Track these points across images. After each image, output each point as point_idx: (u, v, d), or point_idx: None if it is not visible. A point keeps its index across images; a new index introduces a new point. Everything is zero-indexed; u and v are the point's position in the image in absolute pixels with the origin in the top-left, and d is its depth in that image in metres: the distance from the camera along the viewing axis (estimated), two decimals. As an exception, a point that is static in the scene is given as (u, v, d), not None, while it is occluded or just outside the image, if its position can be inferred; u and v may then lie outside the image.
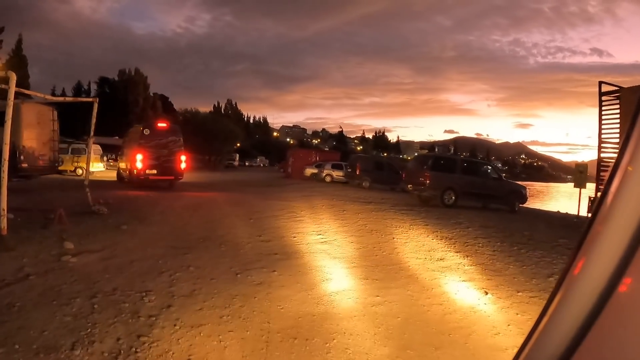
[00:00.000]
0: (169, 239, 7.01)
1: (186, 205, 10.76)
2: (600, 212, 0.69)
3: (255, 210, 10.61)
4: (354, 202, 13.23)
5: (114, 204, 10.13)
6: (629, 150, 0.67)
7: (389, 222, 9.45)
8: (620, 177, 0.67)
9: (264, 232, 7.88)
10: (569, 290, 0.71)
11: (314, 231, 8.09)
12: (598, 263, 0.67)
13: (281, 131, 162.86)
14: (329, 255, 6.35)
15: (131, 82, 59.14)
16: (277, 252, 6.36)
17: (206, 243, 6.78)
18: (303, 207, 11.57)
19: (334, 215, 10.25)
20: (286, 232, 7.92)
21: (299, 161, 30.26)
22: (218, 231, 7.79)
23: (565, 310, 0.70)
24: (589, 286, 0.68)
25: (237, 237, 7.36)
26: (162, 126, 15.36)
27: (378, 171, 22.88)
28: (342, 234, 7.93)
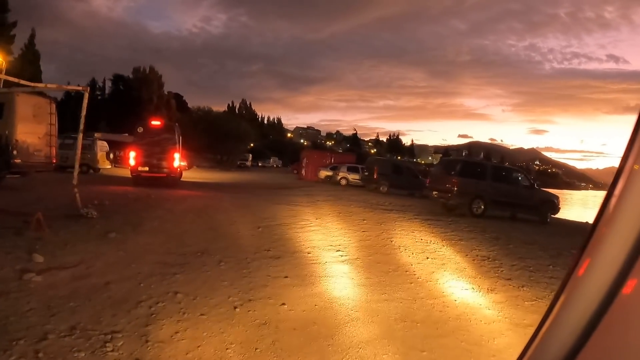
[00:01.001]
0: (160, 251, 5.92)
1: (189, 209, 9.70)
2: (605, 213, 0.69)
3: (265, 216, 9.49)
4: (373, 209, 12.03)
5: (109, 206, 9.15)
6: (634, 150, 0.66)
7: (418, 236, 8.23)
8: (626, 177, 0.66)
9: (273, 244, 6.74)
10: (573, 291, 0.70)
11: (331, 246, 6.92)
12: (602, 264, 0.67)
13: (295, 132, 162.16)
14: (351, 281, 5.17)
15: (145, 80, 58.90)
16: (288, 273, 5.21)
17: (204, 258, 5.67)
18: (318, 214, 10.42)
19: (354, 225, 9.06)
20: (299, 246, 6.77)
21: (313, 163, 29.16)
22: (220, 242, 6.68)
23: (570, 311, 0.69)
24: (593, 287, 0.67)
25: (241, 250, 6.23)
26: (155, 124, 15.16)
27: (396, 175, 21.61)
28: (365, 251, 6.74)
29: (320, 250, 6.58)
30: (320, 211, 10.98)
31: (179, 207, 9.91)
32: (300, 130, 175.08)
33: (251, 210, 10.43)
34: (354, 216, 10.29)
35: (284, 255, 6.08)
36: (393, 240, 7.63)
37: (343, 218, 9.93)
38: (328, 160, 29.33)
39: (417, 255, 6.66)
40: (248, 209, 10.61)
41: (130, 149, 15.21)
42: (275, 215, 9.83)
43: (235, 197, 13.15)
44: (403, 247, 7.18)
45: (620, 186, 0.67)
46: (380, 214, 11.02)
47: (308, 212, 10.56)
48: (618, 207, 0.67)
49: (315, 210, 11.13)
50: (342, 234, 7.95)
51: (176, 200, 11.01)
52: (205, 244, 6.51)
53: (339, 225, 8.86)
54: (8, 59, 28.04)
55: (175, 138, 14.90)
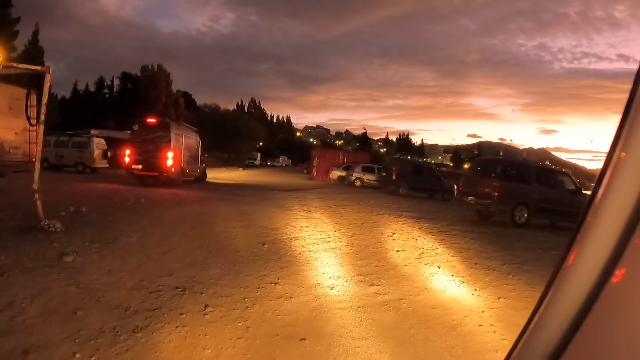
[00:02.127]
0: (127, 285, 4.25)
1: (182, 217, 8.07)
2: (593, 203, 0.69)
3: (272, 226, 7.82)
4: (399, 217, 10.28)
5: (85, 214, 7.57)
6: (621, 139, 0.66)
7: (467, 257, 6.47)
8: (613, 167, 0.66)
9: (282, 272, 5.05)
10: (562, 282, 0.70)
11: (361, 275, 5.19)
12: (591, 254, 0.67)
13: (304, 131, 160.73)
14: (409, 349, 3.43)
15: (154, 78, 57.90)
16: (305, 331, 3.49)
17: (184, 299, 3.99)
18: (336, 223, 8.72)
19: (382, 241, 7.34)
20: (317, 276, 5.06)
21: (325, 162, 27.49)
22: (211, 268, 5.01)
23: (559, 302, 0.69)
24: (582, 277, 0.67)
25: (238, 283, 4.55)
26: (150, 122, 14.74)
27: (417, 176, 19.82)
28: (408, 284, 4.99)
29: (347, 282, 4.86)
30: (338, 219, 9.27)
31: (171, 214, 8.28)
32: (309, 130, 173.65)
33: (256, 218, 8.76)
34: (380, 227, 8.55)
35: (298, 293, 4.37)
36: (439, 265, 5.88)
37: (367, 230, 8.20)
38: (340, 160, 27.59)
39: (484, 294, 4.89)
40: (253, 216, 8.94)
41: (125, 147, 15.06)
42: (285, 225, 8.16)
43: (239, 200, 11.49)
44: (455, 275, 5.42)
45: (608, 175, 0.67)
46: (410, 225, 9.26)
47: (323, 222, 8.86)
48: (605, 196, 0.66)
49: (331, 218, 9.42)
50: (371, 255, 6.22)
51: (169, 205, 9.39)
52: (192, 270, 4.84)
53: (364, 241, 7.14)
54: (11, 55, 26.88)
55: (170, 136, 14.16)
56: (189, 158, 16.10)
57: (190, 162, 16.27)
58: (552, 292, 0.71)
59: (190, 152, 16.31)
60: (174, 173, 14.48)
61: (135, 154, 14.34)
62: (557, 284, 0.71)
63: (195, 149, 17.11)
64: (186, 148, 15.63)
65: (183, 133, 15.46)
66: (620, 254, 0.63)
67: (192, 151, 16.59)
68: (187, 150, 15.72)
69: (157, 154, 14.08)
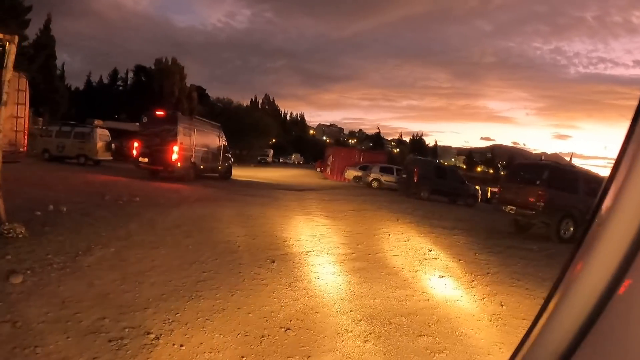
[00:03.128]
0: (74, 331, 3.03)
1: (177, 221, 6.86)
2: (600, 212, 0.68)
3: (284, 237, 6.58)
4: (429, 227, 8.94)
5: (65, 214, 6.43)
6: (630, 149, 0.65)
7: (530, 290, 5.10)
8: (622, 177, 0.65)
9: (296, 308, 3.78)
10: (567, 291, 0.68)
11: (402, 316, 3.88)
12: (598, 264, 0.65)
13: (318, 129, 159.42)
14: None
15: (167, 71, 57.38)
16: None
17: (153, 358, 2.75)
18: (359, 233, 7.44)
19: (419, 260, 6.03)
20: (343, 316, 3.77)
21: (340, 161, 26.18)
22: (201, 299, 3.77)
23: (564, 311, 0.68)
24: (588, 288, 0.65)
25: (235, 327, 3.30)
26: (159, 114, 14.17)
27: (440, 180, 18.35)
28: (469, 332, 3.67)
29: (384, 328, 3.56)
30: (360, 228, 7.98)
31: (166, 217, 7.08)
32: (323, 128, 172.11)
33: (265, 224, 7.52)
34: (411, 241, 7.23)
35: (317, 347, 3.09)
36: (501, 302, 4.53)
37: (397, 245, 6.90)
38: (356, 159, 26.24)
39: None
40: (261, 222, 7.71)
41: (132, 140, 14.87)
42: (299, 234, 6.90)
43: (247, 201, 10.27)
44: (525, 317, 4.08)
45: (616, 185, 0.65)
46: (444, 238, 7.92)
47: (343, 231, 7.59)
48: (614, 207, 0.64)
49: (352, 226, 8.14)
50: (408, 283, 4.92)
51: (167, 206, 8.20)
52: (175, 302, 3.61)
53: (397, 261, 5.84)
54: (22, 44, 26.16)
55: (177, 129, 13.50)
56: (205, 153, 15.43)
57: (207, 158, 15.61)
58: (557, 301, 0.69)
59: (208, 148, 15.64)
60: (180, 168, 13.70)
61: (142, 147, 13.86)
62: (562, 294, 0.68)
63: (216, 144, 16.48)
64: (200, 143, 14.93)
65: (195, 127, 14.71)
66: (629, 265, 0.61)
67: (210, 146, 15.93)
68: (201, 145, 15.01)
69: (162, 147, 13.41)
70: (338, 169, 26.01)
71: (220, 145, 16.83)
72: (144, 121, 14.24)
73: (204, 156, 15.24)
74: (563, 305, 0.68)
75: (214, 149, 16.30)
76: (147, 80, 57.71)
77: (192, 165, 14.42)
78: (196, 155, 14.62)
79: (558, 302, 0.70)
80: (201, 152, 15.05)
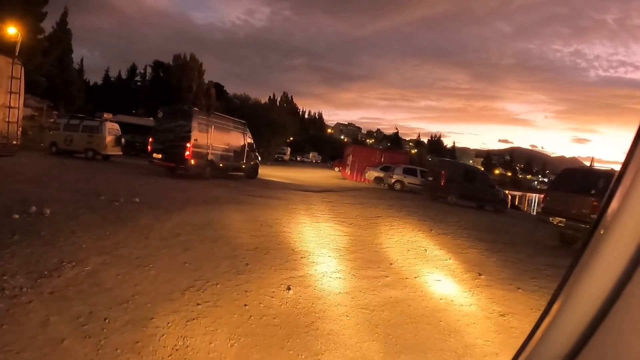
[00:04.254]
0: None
1: (177, 229, 5.84)
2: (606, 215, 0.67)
3: (302, 251, 5.50)
4: (468, 241, 7.74)
5: (48, 217, 5.48)
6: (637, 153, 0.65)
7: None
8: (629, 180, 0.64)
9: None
10: (572, 294, 0.68)
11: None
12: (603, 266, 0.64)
13: (335, 128, 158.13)
14: None
15: (185, 67, 57.12)
16: None
17: None
18: (390, 247, 6.32)
19: (469, 287, 4.86)
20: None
21: (361, 161, 24.93)
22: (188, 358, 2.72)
23: (569, 313, 0.67)
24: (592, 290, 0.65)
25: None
26: (173, 109, 13.75)
27: (468, 183, 17.00)
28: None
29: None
30: (390, 241, 6.86)
31: (165, 223, 6.07)
32: (341, 127, 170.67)
33: (280, 233, 6.46)
34: (453, 260, 6.06)
35: None
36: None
37: (437, 265, 5.74)
38: (377, 159, 24.95)
39: None
40: (275, 230, 6.65)
41: (147, 135, 14.69)
42: (320, 247, 5.83)
43: (261, 204, 9.22)
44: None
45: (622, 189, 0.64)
46: (489, 256, 6.71)
47: (371, 244, 6.47)
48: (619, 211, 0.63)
49: (381, 238, 7.01)
50: (462, 321, 3.77)
51: (170, 208, 7.22)
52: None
53: (439, 288, 4.69)
54: (38, 37, 25.80)
55: (191, 125, 12.80)
56: (226, 151, 14.65)
57: (228, 156, 14.85)
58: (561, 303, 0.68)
59: (228, 145, 14.86)
60: (194, 165, 12.91)
61: (156, 143, 13.34)
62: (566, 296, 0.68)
63: (239, 142, 15.71)
64: (219, 140, 14.20)
65: (213, 123, 13.88)
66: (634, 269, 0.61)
67: (232, 144, 15.13)
68: (220, 142, 14.27)
69: (176, 143, 12.79)
70: (358, 169, 24.78)
71: (244, 143, 15.99)
72: (159, 116, 13.59)
73: (223, 154, 14.47)
74: (567, 308, 0.67)
75: (237, 146, 15.47)
76: (165, 76, 57.63)
77: (209, 162, 13.63)
78: (214, 153, 13.84)
79: (562, 304, 0.68)
80: (220, 150, 14.28)
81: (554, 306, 0.71)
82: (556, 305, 0.70)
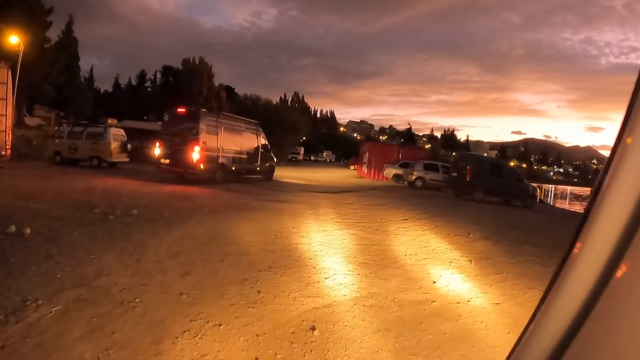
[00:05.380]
0: None
1: (176, 247, 4.99)
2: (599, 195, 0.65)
3: (326, 269, 4.59)
4: (516, 248, 6.71)
5: (27, 238, 4.69)
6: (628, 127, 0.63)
7: None
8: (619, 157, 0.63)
9: None
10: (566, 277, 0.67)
11: None
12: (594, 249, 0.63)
13: (348, 126, 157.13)
14: None
15: (195, 71, 56.81)
16: None
17: None
18: (426, 259, 5.36)
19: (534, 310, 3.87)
20: None
21: (378, 158, 23.91)
22: None
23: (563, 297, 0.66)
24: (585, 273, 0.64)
25: None
26: (180, 112, 12.84)
27: (495, 178, 15.86)
28: None
29: None
30: (425, 250, 5.89)
31: (163, 239, 5.22)
32: (353, 124, 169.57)
33: (298, 247, 5.56)
34: (506, 274, 5.06)
35: None
36: None
37: (489, 282, 4.74)
38: (395, 155, 23.89)
39: None
40: (293, 242, 5.75)
41: (155, 139, 13.62)
42: (346, 262, 4.90)
43: (276, 210, 8.34)
44: None
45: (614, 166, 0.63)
46: (540, 266, 5.69)
47: (404, 255, 5.52)
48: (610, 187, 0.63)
49: (414, 248, 6.05)
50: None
51: (171, 220, 6.37)
52: None
53: (500, 314, 3.70)
54: (44, 46, 25.46)
55: (199, 127, 12.09)
56: (238, 153, 13.87)
57: (241, 159, 14.07)
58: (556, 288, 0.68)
59: (241, 147, 14.07)
60: (204, 170, 12.16)
61: (163, 147, 12.66)
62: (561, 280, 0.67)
63: (252, 143, 14.90)
64: (230, 141, 13.39)
65: (223, 125, 13.08)
66: (625, 248, 0.60)
67: (245, 146, 14.35)
68: (232, 144, 13.47)
69: (183, 147, 12.09)
70: (375, 166, 23.76)
71: (258, 144, 15.15)
72: (165, 119, 12.83)
73: (235, 156, 13.69)
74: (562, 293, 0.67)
75: (250, 148, 14.66)
76: (175, 80, 57.46)
77: (220, 166, 12.84)
78: (225, 156, 13.04)
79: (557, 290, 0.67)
80: (232, 152, 13.49)
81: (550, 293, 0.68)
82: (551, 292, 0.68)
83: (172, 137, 12.39)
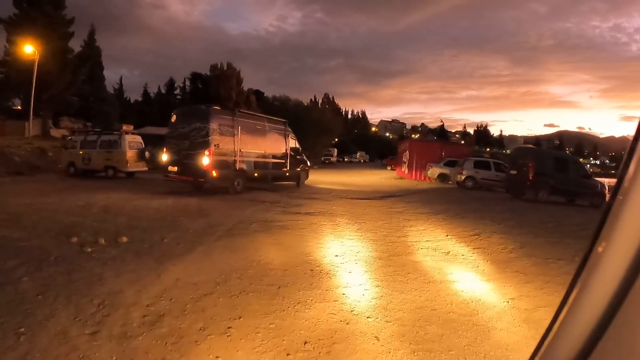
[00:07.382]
0: None
1: (160, 308, 3.32)
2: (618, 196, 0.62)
3: (394, 346, 2.76)
4: None
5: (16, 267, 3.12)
6: None
7: None
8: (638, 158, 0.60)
9: None
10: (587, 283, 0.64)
11: None
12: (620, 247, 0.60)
13: (380, 126, 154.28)
14: None
15: (223, 76, 56.40)
16: None
17: None
18: (525, 298, 3.38)
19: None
20: None
21: (419, 157, 21.76)
22: None
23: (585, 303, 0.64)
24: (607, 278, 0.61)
25: None
26: (188, 110, 11.43)
27: (560, 174, 13.51)
28: None
29: None
30: (518, 284, 3.95)
31: (148, 289, 3.56)
32: (385, 124, 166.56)
33: (347, 295, 3.77)
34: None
35: None
36: None
37: None
38: (438, 154, 21.65)
39: None
40: (336, 282, 3.97)
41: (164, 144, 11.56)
42: (422, 322, 3.05)
43: (308, 228, 6.58)
44: None
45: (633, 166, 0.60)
46: None
47: (503, 295, 3.60)
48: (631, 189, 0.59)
49: (505, 278, 4.13)
50: None
51: (167, 252, 4.75)
52: None
53: None
54: (67, 56, 25.12)
55: (209, 127, 10.28)
56: (262, 157, 11.96)
57: (266, 163, 12.13)
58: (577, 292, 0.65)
59: (265, 150, 12.12)
60: (218, 178, 10.31)
61: (170, 153, 10.89)
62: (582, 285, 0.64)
63: (279, 145, 12.94)
64: (251, 143, 11.43)
65: (240, 124, 11.03)
66: None
67: (269, 148, 12.37)
68: (253, 147, 11.50)
69: (192, 151, 10.34)
70: (417, 166, 21.62)
71: (287, 146, 13.22)
72: (172, 120, 11.01)
73: (258, 161, 11.75)
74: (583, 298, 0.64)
75: (277, 151, 12.73)
76: (203, 87, 57.30)
77: (238, 173, 10.89)
78: (244, 160, 11.11)
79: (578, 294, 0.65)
80: (254, 156, 11.54)
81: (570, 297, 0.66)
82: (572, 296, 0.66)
83: (179, 140, 10.70)
